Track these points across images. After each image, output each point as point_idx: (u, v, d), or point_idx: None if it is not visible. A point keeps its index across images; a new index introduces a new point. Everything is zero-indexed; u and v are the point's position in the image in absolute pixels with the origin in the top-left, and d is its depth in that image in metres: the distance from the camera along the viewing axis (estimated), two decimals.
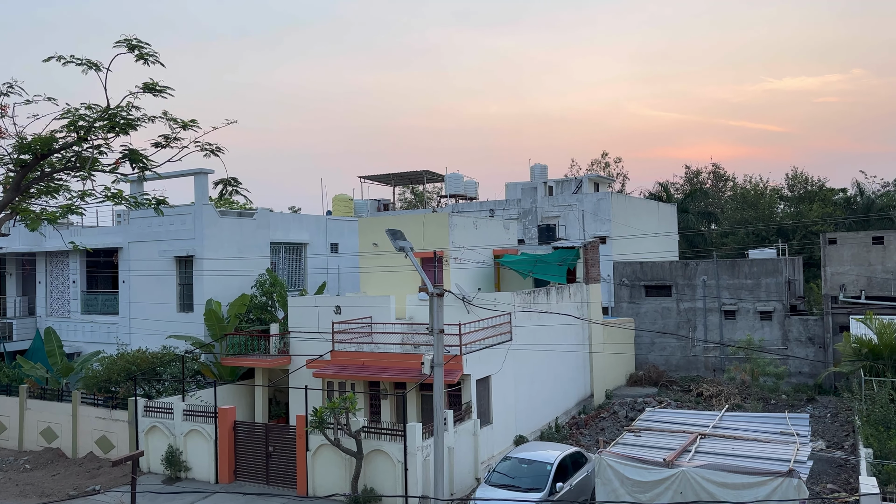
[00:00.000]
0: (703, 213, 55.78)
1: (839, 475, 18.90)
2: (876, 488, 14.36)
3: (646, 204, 44.17)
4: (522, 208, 39.99)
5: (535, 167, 43.85)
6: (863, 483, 14.73)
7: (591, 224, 37.74)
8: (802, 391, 28.62)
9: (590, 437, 23.56)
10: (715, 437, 16.66)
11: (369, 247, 26.48)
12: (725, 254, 46.02)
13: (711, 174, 64.22)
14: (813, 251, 41.85)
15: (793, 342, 30.97)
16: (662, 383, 30.54)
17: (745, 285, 32.16)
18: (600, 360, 28.90)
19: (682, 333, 33.03)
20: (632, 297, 34.61)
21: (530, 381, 23.43)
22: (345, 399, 17.28)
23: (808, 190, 54.39)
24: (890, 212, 44.86)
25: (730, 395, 27.09)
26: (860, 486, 14.68)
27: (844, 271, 29.99)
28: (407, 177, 49.07)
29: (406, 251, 13.86)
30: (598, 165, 64.72)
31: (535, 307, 24.12)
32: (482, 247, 27.50)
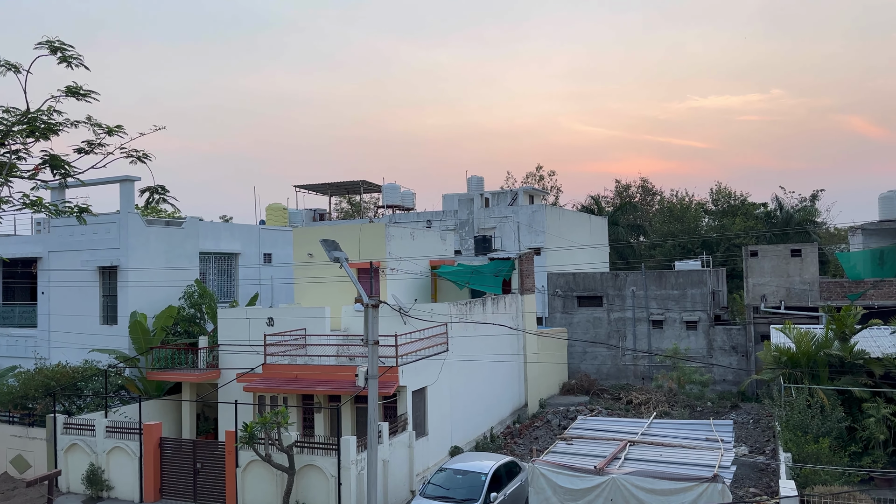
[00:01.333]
0: (633, 226, 57.40)
1: (761, 479, 19.67)
2: (794, 491, 15.02)
3: (578, 216, 45.15)
4: (459, 219, 40.23)
5: (472, 179, 44.22)
6: (782, 486, 15.39)
7: (525, 236, 38.28)
8: (727, 398, 29.70)
9: (524, 446, 23.79)
10: (644, 443, 17.10)
11: (304, 257, 26.09)
12: (653, 265, 47.47)
13: (640, 188, 66.23)
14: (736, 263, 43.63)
15: (717, 351, 32.15)
16: (594, 392, 31.16)
17: (672, 296, 33.24)
18: (534, 369, 29.27)
19: (613, 343, 33.83)
20: (565, 307, 35.25)
21: (466, 392, 23.50)
22: (276, 413, 16.93)
23: (731, 204, 56.71)
24: (807, 226, 47.25)
25: (658, 402, 27.87)
26: (780, 489, 15.33)
27: (765, 282, 31.36)
28: (343, 187, 48.67)
29: (341, 262, 13.72)
30: (532, 178, 65.81)
31: (472, 318, 24.25)
32: (419, 257, 27.51)
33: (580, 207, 58.00)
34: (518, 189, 44.67)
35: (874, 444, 18.96)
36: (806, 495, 15.22)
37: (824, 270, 39.17)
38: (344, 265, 13.69)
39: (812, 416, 18.67)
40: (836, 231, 52.29)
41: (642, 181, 66.71)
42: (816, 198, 51.02)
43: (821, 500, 14.95)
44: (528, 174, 66.60)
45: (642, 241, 57.26)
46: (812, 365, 20.96)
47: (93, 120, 9.51)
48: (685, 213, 58.25)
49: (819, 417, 18.61)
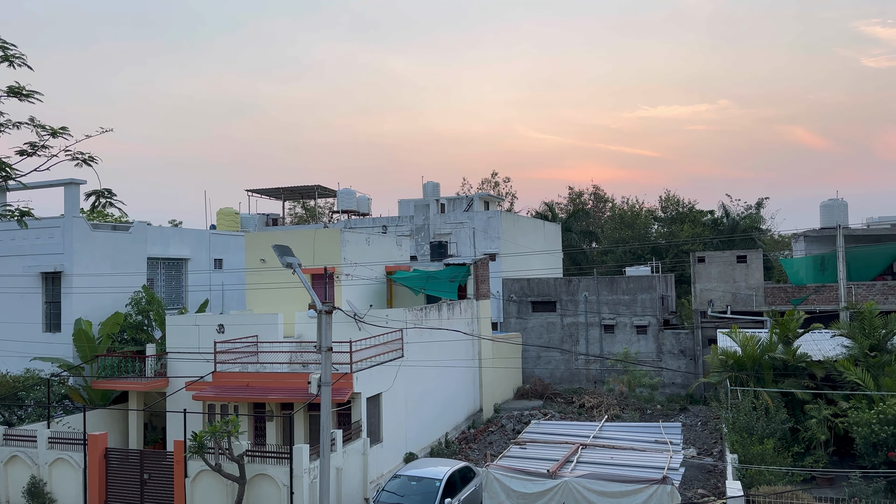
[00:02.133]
0: (585, 232, 58.29)
1: (709, 480, 20.15)
2: (740, 491, 15.44)
3: (533, 223, 45.62)
4: (415, 225, 40.23)
5: (428, 185, 44.29)
6: (729, 487, 15.80)
7: (481, 241, 38.50)
8: (676, 401, 30.36)
9: (478, 451, 23.88)
10: (595, 446, 17.34)
11: (256, 263, 25.71)
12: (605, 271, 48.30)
13: (592, 195, 67.35)
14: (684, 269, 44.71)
15: (666, 354, 32.86)
16: (548, 396, 31.48)
17: (623, 301, 33.86)
18: (489, 374, 29.42)
19: (566, 347, 34.26)
20: (519, 312, 35.56)
21: (421, 398, 23.48)
22: (227, 422, 16.62)
23: (680, 211, 58.12)
24: (752, 233, 48.71)
25: (609, 405, 28.32)
26: (727, 490, 15.74)
27: (712, 288, 32.20)
28: (297, 191, 48.17)
29: (294, 267, 13.57)
30: (488, 184, 66.25)
31: (427, 323, 24.25)
32: (374, 263, 27.40)
33: (534, 214, 58.63)
34: (474, 195, 44.92)
35: (816, 445, 19.63)
36: (751, 495, 15.65)
37: (769, 276, 40.44)
38: (297, 271, 13.55)
39: (757, 417, 19.23)
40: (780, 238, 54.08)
41: (595, 188, 67.91)
42: (761, 205, 52.68)
43: (765, 499, 15.39)
44: (483, 180, 67.10)
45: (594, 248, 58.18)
46: (757, 368, 21.60)
47: (36, 121, 9.25)
48: (636, 220, 59.45)
49: (764, 419, 19.18)
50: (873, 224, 44.31)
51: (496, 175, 67.34)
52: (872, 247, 31.81)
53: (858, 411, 18.40)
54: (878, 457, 17.32)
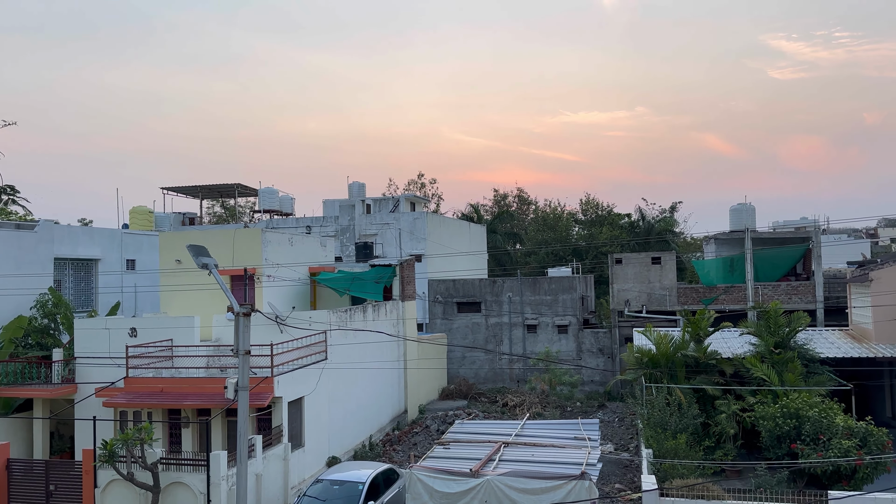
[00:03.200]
0: (510, 234, 59.14)
1: (625, 475, 20.78)
2: (655, 485, 16.01)
3: (458, 224, 45.92)
4: (340, 226, 39.77)
5: (354, 185, 43.89)
6: (644, 481, 16.36)
7: (407, 242, 38.45)
8: (594, 398, 31.19)
9: (402, 452, 23.82)
10: (517, 444, 17.62)
11: (172, 263, 24.81)
12: (528, 272, 49.13)
13: (516, 198, 68.41)
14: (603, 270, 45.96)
15: (586, 353, 33.73)
16: (472, 395, 31.74)
17: (545, 301, 34.55)
18: (415, 375, 29.40)
19: (490, 347, 34.66)
20: (445, 313, 35.71)
21: (345, 400, 23.22)
22: (140, 429, 15.98)
23: (599, 214, 59.77)
24: (666, 235, 50.61)
25: (531, 404, 28.81)
26: (642, 484, 16.30)
27: (629, 288, 33.27)
28: (216, 190, 46.76)
29: (210, 268, 13.15)
30: (414, 186, 66.26)
31: (352, 325, 24.00)
32: (298, 264, 26.91)
33: (460, 215, 59.03)
34: (400, 196, 44.83)
35: (725, 439, 20.55)
36: (665, 488, 16.25)
37: (682, 277, 42.08)
38: (213, 272, 13.13)
39: (670, 413, 19.99)
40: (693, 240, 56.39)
41: (519, 191, 69.00)
42: (675, 209, 54.82)
43: (678, 492, 16.01)
44: (410, 181, 67.05)
45: (518, 249, 59.10)
46: (671, 365, 22.45)
47: None
48: (558, 223, 60.77)
49: (677, 415, 19.96)
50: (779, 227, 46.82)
51: (423, 176, 67.49)
52: (778, 249, 33.63)
53: (764, 406, 19.39)
54: (782, 448, 18.30)
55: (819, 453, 17.14)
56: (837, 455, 16.82)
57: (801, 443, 17.79)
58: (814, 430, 17.76)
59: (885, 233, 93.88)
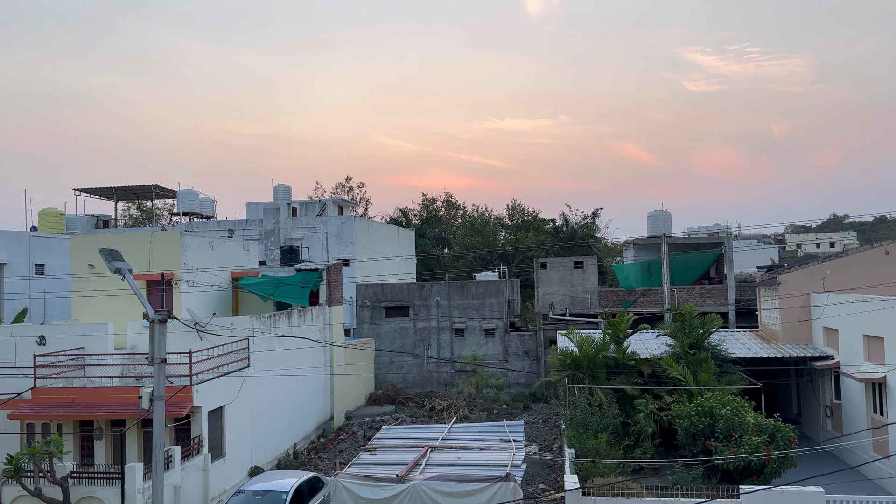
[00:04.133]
0: (438, 239, 59.40)
1: (549, 475, 21.16)
2: (577, 484, 16.36)
3: (387, 228, 45.76)
4: (264, 229, 38.95)
5: (279, 187, 43.08)
6: (567, 480, 16.69)
7: (334, 246, 38.03)
8: (520, 400, 31.64)
9: (328, 460, 23.49)
10: (444, 448, 17.68)
11: (84, 268, 23.70)
12: (456, 276, 49.43)
13: (445, 202, 68.80)
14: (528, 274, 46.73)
15: (512, 356, 34.20)
16: (400, 400, 31.64)
17: (473, 305, 34.84)
18: (341, 381, 29.06)
19: (419, 351, 34.65)
20: (373, 318, 35.48)
21: (269, 408, 22.71)
22: (48, 442, 15.19)
23: (525, 220, 60.83)
24: (589, 240, 51.97)
25: (459, 407, 28.97)
26: (565, 483, 16.63)
27: (553, 292, 33.96)
28: (133, 191, 44.94)
29: (123, 273, 12.62)
30: (342, 189, 65.63)
31: (276, 331, 23.51)
32: (219, 268, 26.18)
33: (389, 219, 58.87)
34: (327, 199, 44.32)
35: (644, 437, 21.20)
36: (586, 487, 16.63)
37: (603, 281, 43.28)
38: (127, 277, 12.61)
39: (592, 413, 20.48)
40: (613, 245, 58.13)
41: (447, 196, 69.40)
42: (597, 215, 56.38)
43: (599, 491, 16.41)
44: (337, 185, 66.39)
45: (447, 253, 59.41)
46: (592, 366, 23.01)
47: None
48: (485, 227, 61.47)
49: (598, 414, 20.47)
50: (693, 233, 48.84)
51: (350, 180, 66.97)
52: (692, 254, 35.06)
53: (680, 405, 20.12)
54: (697, 446, 19.03)
55: (731, 450, 17.90)
56: (748, 451, 17.62)
57: (714, 440, 18.54)
58: (726, 427, 18.54)
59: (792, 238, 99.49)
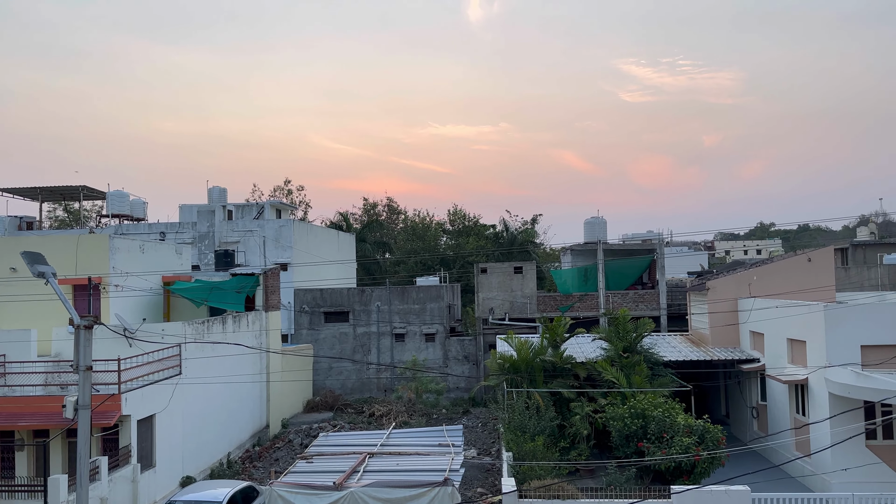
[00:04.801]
0: (379, 243, 59.13)
1: (487, 479, 21.30)
2: (514, 486, 16.53)
3: (327, 232, 45.26)
4: (198, 232, 37.97)
5: (214, 189, 42.06)
6: (504, 483, 16.85)
7: (272, 251, 37.39)
8: (459, 405, 31.75)
9: (263, 469, 23.03)
10: (382, 454, 17.57)
11: (6, 272, 22.61)
12: (397, 281, 49.32)
13: (386, 207, 68.54)
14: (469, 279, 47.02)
15: (452, 360, 34.31)
16: (338, 407, 31.29)
17: (413, 310, 34.80)
18: (278, 388, 28.54)
19: (359, 357, 34.36)
20: (311, 323, 35.01)
21: (201, 417, 22.11)
22: None
23: (466, 225, 61.22)
24: (528, 246, 52.71)
25: (398, 413, 28.85)
26: (502, 487, 16.77)
27: (493, 296, 34.27)
28: (59, 192, 43.08)
29: (47, 277, 12.08)
30: (280, 192, 64.58)
31: (210, 337, 22.94)
32: (150, 273, 25.37)
33: (329, 223, 58.25)
34: (265, 202, 43.53)
35: (580, 439, 21.60)
36: (523, 490, 16.81)
37: (541, 286, 43.90)
38: (51, 281, 12.08)
39: (529, 416, 20.72)
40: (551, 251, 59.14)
41: (388, 200, 69.17)
42: (536, 221, 57.27)
43: (535, 493, 16.62)
44: (275, 188, 65.31)
45: (388, 258, 59.21)
46: (530, 370, 23.31)
47: None
48: (426, 232, 61.55)
49: (535, 418, 20.73)
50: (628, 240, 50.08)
51: (289, 183, 65.97)
52: (627, 260, 35.97)
53: (614, 407, 20.58)
54: (630, 447, 19.49)
55: (663, 451, 18.41)
56: (679, 452, 18.16)
57: (647, 441, 19.03)
58: (658, 429, 19.06)
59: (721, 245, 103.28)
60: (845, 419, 18.55)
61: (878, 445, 19.44)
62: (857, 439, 18.79)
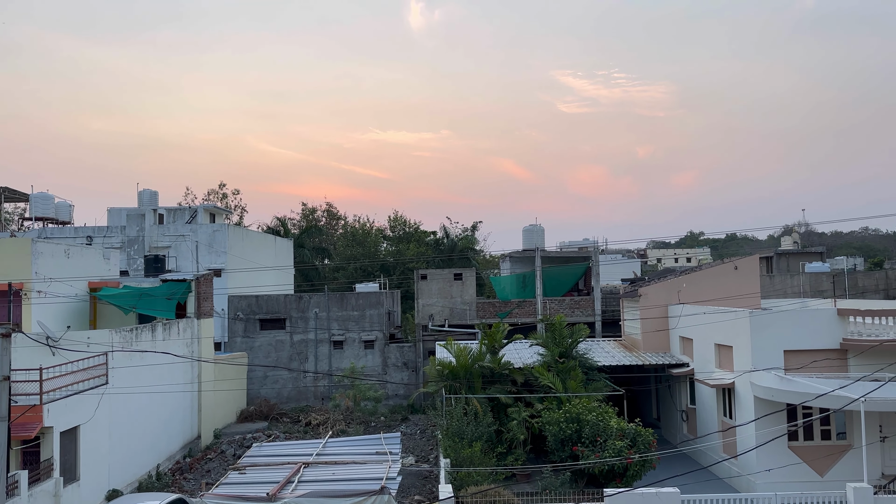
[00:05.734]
0: (318, 249, 58.38)
1: (425, 486, 21.24)
2: (451, 493, 16.54)
3: (263, 237, 44.41)
4: (128, 237, 36.70)
5: (144, 192, 40.74)
6: (441, 490, 16.84)
7: (205, 256, 36.44)
8: (398, 412, 31.60)
9: (194, 481, 22.37)
10: (318, 464, 17.31)
11: None
12: (336, 287, 48.79)
13: (326, 212, 67.78)
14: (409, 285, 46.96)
15: (391, 367, 34.14)
16: (273, 416, 30.68)
17: (353, 316, 34.49)
18: (210, 398, 27.79)
19: (295, 365, 33.79)
20: (246, 331, 34.26)
21: (129, 428, 21.32)
22: None
23: (406, 231, 61.13)
24: (468, 253, 53.00)
25: (336, 421, 28.48)
26: (439, 493, 16.76)
27: (433, 303, 34.29)
28: None
29: None
30: (215, 196, 63.03)
31: (138, 346, 22.16)
32: (76, 278, 24.36)
33: (266, 228, 57.18)
34: (198, 206, 42.41)
35: (516, 444, 21.80)
36: (460, 496, 16.85)
37: (481, 292, 44.21)
38: None
39: (467, 422, 20.81)
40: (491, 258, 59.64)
41: (328, 205, 68.45)
42: (476, 228, 57.67)
43: (472, 499, 16.68)
44: (209, 191, 63.70)
45: (326, 264, 58.52)
46: (469, 376, 23.42)
47: None
48: (366, 239, 61.15)
49: (473, 424, 20.82)
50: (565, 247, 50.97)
51: (224, 186, 64.45)
52: (563, 267, 36.61)
53: (550, 412, 20.86)
54: (565, 451, 19.78)
55: (597, 454, 18.76)
56: (612, 455, 18.54)
57: (581, 445, 19.36)
58: (592, 432, 19.42)
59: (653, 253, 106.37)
60: (769, 421, 19.33)
61: (799, 446, 20.34)
62: (781, 441, 19.61)
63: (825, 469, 20.02)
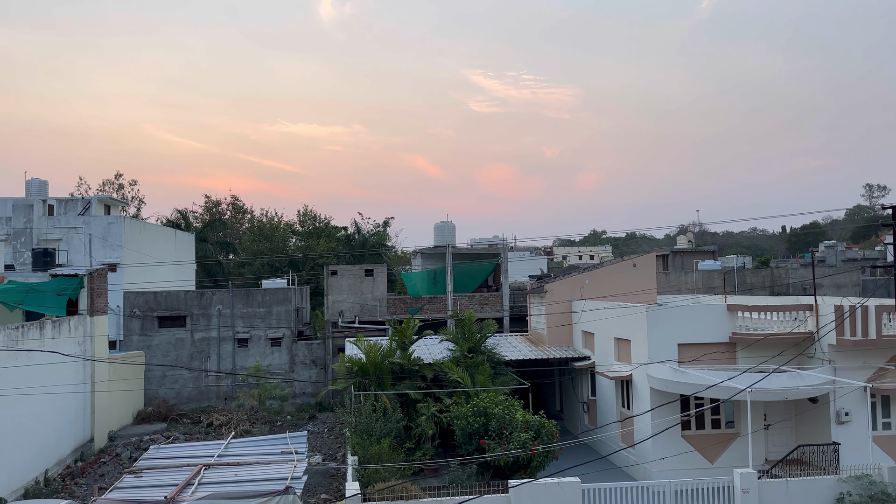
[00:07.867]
0: (222, 243, 56.52)
1: (332, 484, 20.99)
2: (358, 490, 16.44)
3: (163, 231, 42.56)
4: (14, 228, 34.25)
5: (33, 182, 38.22)
6: (348, 488, 16.71)
7: (99, 250, 34.57)
8: (305, 410, 31.06)
9: (87, 486, 21.19)
10: (220, 465, 16.74)
11: None
12: (242, 283, 47.40)
13: (231, 205, 65.71)
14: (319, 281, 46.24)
15: (299, 365, 33.52)
16: (173, 417, 29.46)
17: (259, 313, 33.61)
18: (104, 399, 26.36)
19: (196, 364, 32.59)
20: (144, 328, 32.74)
21: (13, 432, 19.92)
22: None
23: (317, 226, 60.13)
24: (379, 248, 52.74)
25: (239, 421, 27.67)
26: (346, 491, 16.61)
27: (343, 299, 33.90)
28: None
29: None
30: (110, 186, 59.90)
31: (24, 345, 20.72)
32: None
33: (165, 221, 54.80)
34: (92, 197, 40.18)
35: (425, 439, 21.90)
36: (367, 493, 16.77)
37: (392, 288, 44.11)
38: None
39: (376, 419, 20.73)
40: (403, 254, 59.63)
41: (233, 198, 66.39)
42: (388, 224, 57.48)
43: (379, 495, 16.63)
44: (105, 181, 60.53)
45: (231, 259, 56.74)
46: (379, 373, 23.32)
47: None
48: (274, 233, 59.71)
49: (382, 420, 20.76)
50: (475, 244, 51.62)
51: (121, 177, 61.38)
52: (473, 263, 37.09)
53: (458, 406, 21.10)
54: (472, 444, 20.07)
55: (503, 446, 19.14)
56: (517, 447, 18.96)
57: (488, 438, 19.69)
58: (499, 425, 19.79)
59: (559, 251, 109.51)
60: (664, 412, 20.31)
61: (691, 435, 21.49)
62: (674, 430, 20.65)
63: (715, 456, 21.24)
